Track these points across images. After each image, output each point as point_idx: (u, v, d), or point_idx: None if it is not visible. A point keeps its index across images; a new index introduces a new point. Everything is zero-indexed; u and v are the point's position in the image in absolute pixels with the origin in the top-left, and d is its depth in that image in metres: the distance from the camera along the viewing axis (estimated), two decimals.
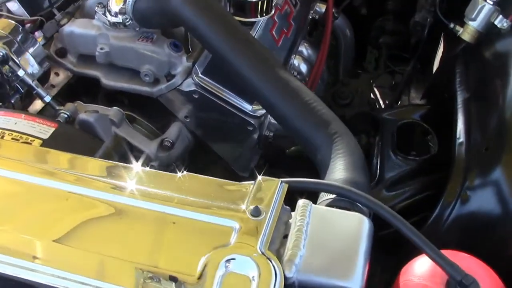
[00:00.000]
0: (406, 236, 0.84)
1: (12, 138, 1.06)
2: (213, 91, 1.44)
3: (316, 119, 1.03)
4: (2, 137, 1.06)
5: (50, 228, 0.80)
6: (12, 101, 1.39)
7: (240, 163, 1.59)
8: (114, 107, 1.46)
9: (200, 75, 1.43)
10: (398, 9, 2.16)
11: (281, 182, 0.87)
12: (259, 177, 0.87)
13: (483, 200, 1.27)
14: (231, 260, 0.75)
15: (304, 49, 1.78)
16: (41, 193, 0.83)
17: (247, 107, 1.45)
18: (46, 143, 1.07)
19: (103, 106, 1.46)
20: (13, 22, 1.47)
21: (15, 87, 1.39)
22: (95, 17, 1.53)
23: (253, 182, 0.87)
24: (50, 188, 0.82)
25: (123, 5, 1.44)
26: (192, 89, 1.45)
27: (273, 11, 1.42)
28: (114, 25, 1.49)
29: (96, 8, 1.51)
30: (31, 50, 1.45)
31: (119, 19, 1.47)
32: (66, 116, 1.40)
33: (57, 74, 1.60)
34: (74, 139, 1.15)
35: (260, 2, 1.38)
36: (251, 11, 1.39)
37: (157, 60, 1.46)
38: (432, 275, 0.88)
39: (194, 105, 1.48)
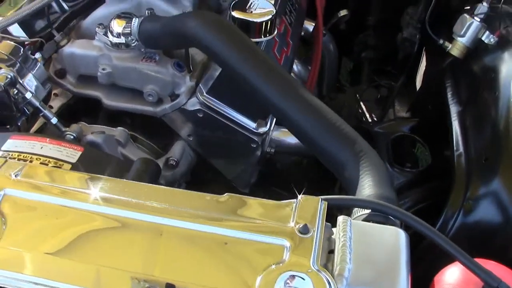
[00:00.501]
0: (440, 245, 0.89)
1: (41, 163, 1.06)
2: (218, 109, 1.47)
3: (341, 137, 1.07)
4: (31, 161, 1.06)
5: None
6: (19, 124, 1.38)
7: (241, 179, 1.62)
8: (119, 128, 1.47)
9: (205, 94, 1.46)
10: (379, 24, 2.24)
11: (321, 199, 0.90)
12: (300, 196, 0.90)
13: (485, 209, 1.33)
14: (289, 277, 0.78)
15: (295, 66, 1.82)
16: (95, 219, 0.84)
17: (251, 124, 1.48)
18: (75, 166, 1.08)
19: (107, 127, 1.47)
20: (14, 43, 1.46)
21: (21, 110, 1.38)
22: (96, 37, 1.53)
23: (293, 200, 0.91)
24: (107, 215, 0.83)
25: (126, 26, 1.45)
26: (197, 108, 1.48)
27: (276, 31, 1.46)
28: (116, 45, 1.50)
29: (97, 28, 1.52)
30: (33, 71, 1.45)
31: (122, 40, 1.48)
32: (72, 137, 1.40)
33: (56, 94, 1.60)
34: (101, 161, 1.15)
35: (264, 23, 1.42)
36: (255, 31, 1.42)
37: (161, 80, 1.48)
38: (466, 283, 0.92)
39: (198, 123, 1.51)
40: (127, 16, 1.50)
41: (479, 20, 1.56)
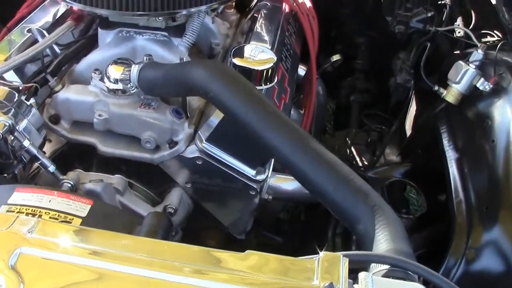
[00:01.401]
0: None
1: (50, 217, 1.02)
2: (217, 157, 1.45)
3: (355, 191, 1.07)
4: (40, 216, 1.02)
5: None
6: (16, 172, 1.35)
7: (238, 227, 1.60)
8: (117, 175, 1.44)
9: (204, 141, 1.44)
10: (366, 68, 2.28)
11: (342, 256, 0.89)
12: (321, 253, 0.89)
13: (487, 258, 1.34)
14: None
15: None
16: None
17: (250, 172, 1.47)
18: (85, 221, 1.04)
19: (104, 174, 1.45)
20: (8, 89, 1.43)
21: (18, 157, 1.35)
22: (91, 83, 1.51)
23: (313, 257, 0.89)
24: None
25: (124, 73, 1.44)
26: (196, 155, 1.46)
27: (276, 79, 1.46)
28: (113, 91, 1.48)
29: (93, 74, 1.50)
30: (28, 117, 1.42)
31: (119, 86, 1.46)
32: (70, 185, 1.37)
33: (49, 140, 1.56)
34: (111, 215, 1.12)
35: (265, 71, 1.42)
36: (256, 79, 1.42)
37: (159, 127, 1.46)
38: None
39: (197, 171, 1.49)
40: (124, 62, 1.49)
41: (474, 67, 1.60)
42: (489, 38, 1.90)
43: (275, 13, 1.84)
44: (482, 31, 1.96)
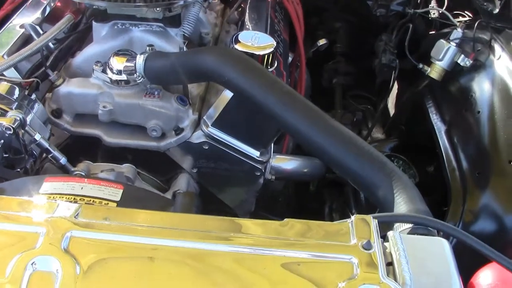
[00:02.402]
0: (478, 250, 0.97)
1: (86, 203, 1.05)
2: (223, 141, 1.50)
3: (373, 161, 1.15)
4: (76, 202, 1.05)
5: None
6: (28, 166, 1.37)
7: (244, 208, 1.66)
8: (126, 164, 1.48)
9: (210, 126, 1.49)
10: (347, 51, 2.36)
11: (373, 217, 0.96)
12: (353, 216, 0.96)
13: (483, 219, 1.43)
14: None
15: None
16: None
17: (255, 153, 1.52)
18: (120, 205, 1.08)
19: (113, 164, 1.48)
20: (10, 84, 1.45)
21: (30, 152, 1.37)
22: (93, 75, 1.53)
23: (347, 220, 0.96)
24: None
25: (128, 63, 1.47)
26: (202, 140, 1.51)
27: (276, 63, 1.52)
28: (116, 82, 1.51)
29: (95, 66, 1.52)
30: (34, 111, 1.44)
31: (123, 77, 1.49)
32: (81, 176, 1.40)
33: (52, 134, 1.58)
34: (144, 198, 1.16)
35: (266, 56, 1.47)
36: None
37: (165, 115, 1.50)
38: (505, 282, 1.00)
39: (203, 156, 1.54)
40: (126, 53, 1.52)
41: (455, 44, 1.70)
42: (461, 18, 2.01)
43: (262, 3, 1.89)
44: (455, 12, 2.07)
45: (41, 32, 1.66)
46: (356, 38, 2.44)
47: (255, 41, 1.49)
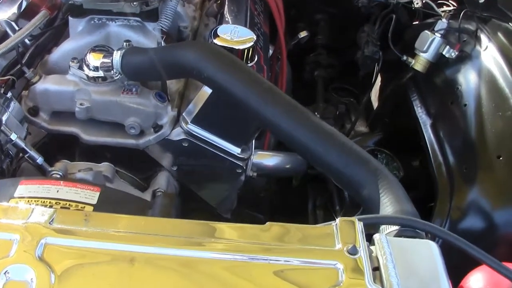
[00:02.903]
0: (468, 252, 0.95)
1: (62, 207, 1.02)
2: (203, 138, 1.47)
3: (356, 158, 1.11)
4: (51, 206, 1.02)
5: None
6: (4, 167, 1.33)
7: (225, 205, 1.63)
8: (105, 163, 1.44)
9: (190, 123, 1.46)
10: (328, 43, 2.33)
11: (358, 220, 0.94)
12: (337, 219, 0.93)
13: (471, 216, 1.42)
14: None
15: None
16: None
17: (236, 150, 1.49)
18: (97, 208, 1.04)
19: (91, 163, 1.44)
20: None
21: (5, 152, 1.32)
22: (69, 72, 1.49)
23: (330, 223, 0.93)
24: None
25: (105, 59, 1.43)
26: (182, 137, 1.47)
27: (256, 58, 1.49)
28: (93, 79, 1.47)
29: (71, 63, 1.48)
30: (9, 110, 1.39)
31: (100, 73, 1.45)
32: (59, 176, 1.36)
33: (29, 133, 1.53)
34: (122, 201, 1.12)
35: (246, 50, 1.44)
36: (238, 58, 1.44)
37: (143, 112, 1.46)
38: (496, 285, 0.99)
39: (183, 153, 1.50)
40: (103, 49, 1.48)
41: (439, 35, 1.67)
42: (445, 8, 1.99)
43: None
44: (439, 1, 2.05)
45: (16, 28, 1.61)
46: (337, 30, 2.41)
47: (235, 35, 1.45)
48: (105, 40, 1.57)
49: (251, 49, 1.45)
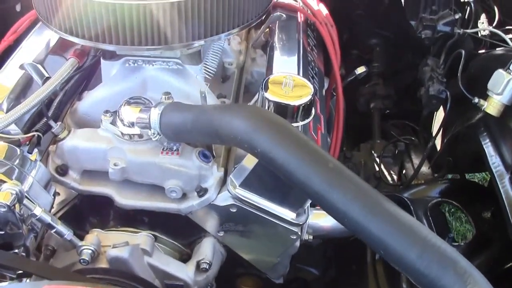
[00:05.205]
0: None
1: None
2: (253, 203, 1.29)
3: (441, 258, 0.91)
4: None
5: None
6: (27, 243, 1.17)
7: (277, 271, 1.46)
8: (142, 233, 1.28)
9: (238, 187, 1.28)
10: (384, 71, 2.12)
11: None
12: None
13: None
14: None
15: None
16: None
17: (290, 215, 1.31)
18: None
19: (127, 233, 1.29)
20: (7, 144, 1.25)
21: (29, 226, 1.17)
22: (101, 126, 1.32)
23: None
24: None
25: (141, 114, 1.25)
26: (230, 203, 1.29)
27: (313, 113, 1.30)
28: (129, 136, 1.30)
29: (103, 116, 1.31)
30: (34, 175, 1.23)
31: (136, 130, 1.28)
32: (91, 251, 1.21)
33: (57, 193, 1.38)
34: None
35: (302, 106, 1.25)
36: (293, 115, 1.25)
37: (186, 174, 1.28)
38: None
39: (231, 219, 1.33)
40: (139, 102, 1.31)
41: None
42: None
43: (292, 25, 1.67)
44: (506, 27, 1.83)
45: (43, 71, 1.44)
46: (393, 55, 2.19)
47: (289, 86, 1.26)
48: (141, 86, 1.41)
49: (307, 104, 1.25)
